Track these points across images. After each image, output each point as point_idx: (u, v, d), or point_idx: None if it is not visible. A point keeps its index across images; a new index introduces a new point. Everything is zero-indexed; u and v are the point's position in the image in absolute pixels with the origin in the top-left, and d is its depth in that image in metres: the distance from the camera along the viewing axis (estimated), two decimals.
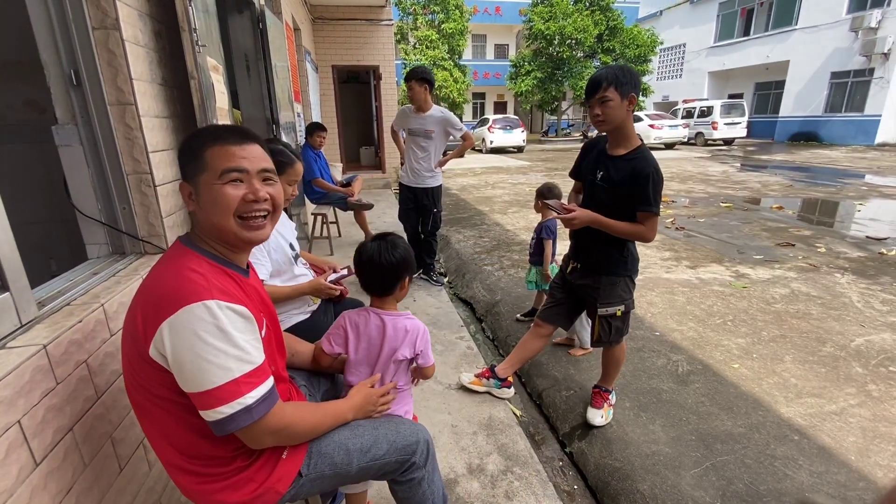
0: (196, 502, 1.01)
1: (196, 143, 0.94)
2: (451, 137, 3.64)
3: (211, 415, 0.86)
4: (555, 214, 1.85)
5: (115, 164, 1.42)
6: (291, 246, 1.80)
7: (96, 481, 1.08)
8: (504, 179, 10.56)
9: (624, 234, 1.78)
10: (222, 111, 1.88)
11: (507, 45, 30.09)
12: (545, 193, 2.82)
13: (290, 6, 5.26)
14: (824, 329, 2.95)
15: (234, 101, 3.00)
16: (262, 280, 1.66)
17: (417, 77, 3.37)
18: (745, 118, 17.78)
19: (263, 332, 0.98)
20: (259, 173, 0.96)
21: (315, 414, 1.05)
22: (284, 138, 3.45)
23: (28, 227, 1.01)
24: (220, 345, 0.85)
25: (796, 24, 18.66)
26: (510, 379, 2.31)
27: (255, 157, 0.96)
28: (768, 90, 21.20)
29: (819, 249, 4.61)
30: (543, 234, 2.89)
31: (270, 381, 0.93)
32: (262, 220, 0.98)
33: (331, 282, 1.84)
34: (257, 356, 0.91)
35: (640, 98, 1.76)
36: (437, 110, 3.51)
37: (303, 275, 1.83)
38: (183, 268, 0.89)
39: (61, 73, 1.35)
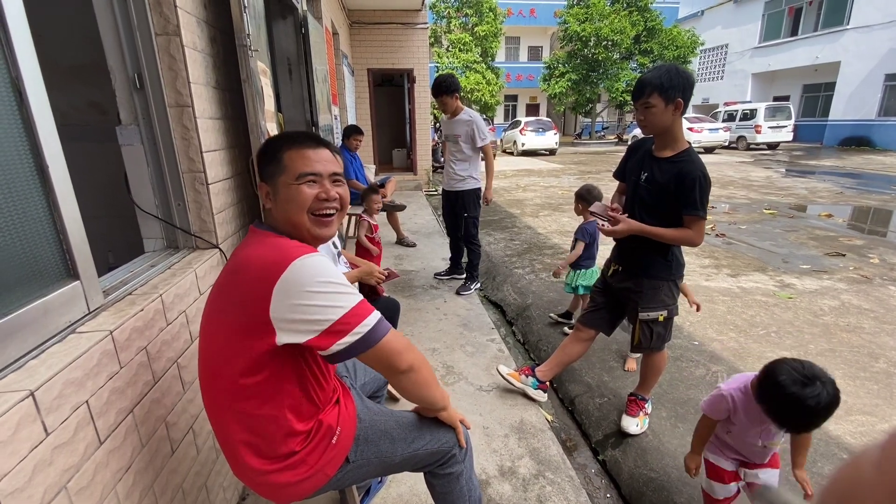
0: (248, 483, 1.05)
1: (275, 147, 1.04)
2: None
3: (358, 331, 0.92)
4: (599, 222, 1.84)
5: (172, 163, 1.50)
6: (335, 244, 1.87)
7: (151, 461, 1.15)
8: (536, 182, 10.48)
9: (671, 239, 1.75)
10: (269, 113, 1.95)
11: (541, 47, 29.83)
12: (585, 196, 2.78)
13: (329, 11, 5.40)
14: (877, 344, 2.79)
15: (277, 104, 3.11)
16: None
17: (448, 91, 3.38)
18: (792, 121, 16.98)
19: None
20: (330, 176, 1.06)
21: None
22: None
23: (88, 221, 1.08)
24: (333, 280, 0.93)
25: (848, 24, 17.71)
26: (547, 383, 2.30)
27: (327, 160, 1.06)
28: (817, 92, 20.18)
29: (872, 260, 4.36)
30: (578, 235, 2.85)
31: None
32: (330, 217, 1.07)
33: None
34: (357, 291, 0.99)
35: None
36: (465, 114, 3.50)
37: (343, 273, 1.89)
38: (269, 240, 0.98)
39: (126, 77, 1.43)
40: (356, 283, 2.02)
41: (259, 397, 0.98)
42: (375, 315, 0.96)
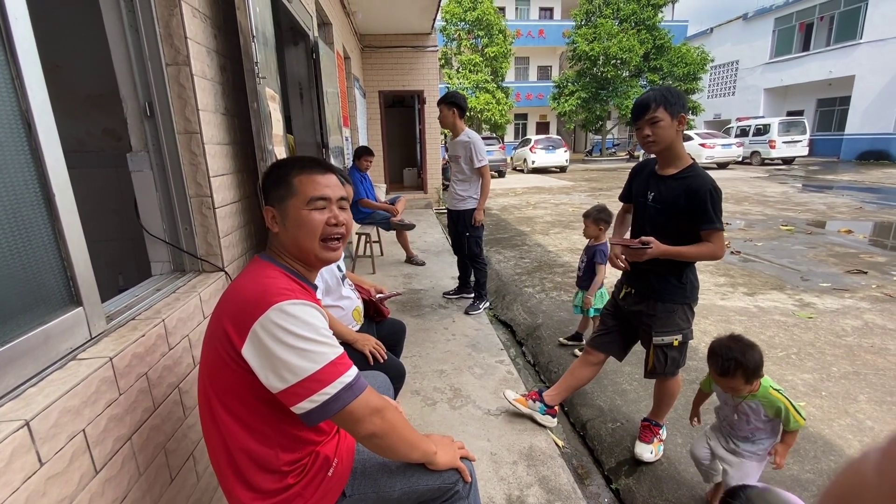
0: None
1: (284, 172, 1.05)
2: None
3: (315, 399, 0.89)
4: (619, 250, 1.79)
5: (180, 188, 1.53)
6: (339, 267, 1.87)
7: (149, 490, 1.13)
8: (546, 199, 10.46)
9: (694, 256, 1.72)
10: (277, 137, 1.98)
11: (550, 66, 30.18)
12: (601, 216, 2.75)
13: (341, 36, 5.54)
14: None
15: (288, 127, 3.17)
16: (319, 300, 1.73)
17: (446, 101, 3.44)
18: (807, 136, 16.77)
19: None
20: (338, 201, 1.07)
21: (403, 418, 1.05)
22: (333, 161, 3.59)
23: (101, 244, 1.10)
24: (310, 335, 0.90)
25: (861, 38, 17.62)
26: (556, 408, 2.23)
27: (334, 185, 1.08)
28: (832, 106, 19.98)
29: (895, 278, 4.22)
30: (598, 259, 2.80)
31: (354, 367, 0.97)
32: (338, 242, 1.08)
33: (379, 299, 2.01)
34: (339, 344, 0.96)
35: (691, 117, 1.73)
36: (464, 135, 3.50)
37: (348, 297, 1.88)
38: (261, 276, 0.98)
39: (137, 106, 1.47)
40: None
41: (250, 432, 0.97)
42: (341, 381, 0.91)
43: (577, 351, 2.97)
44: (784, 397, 1.47)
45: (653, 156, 1.84)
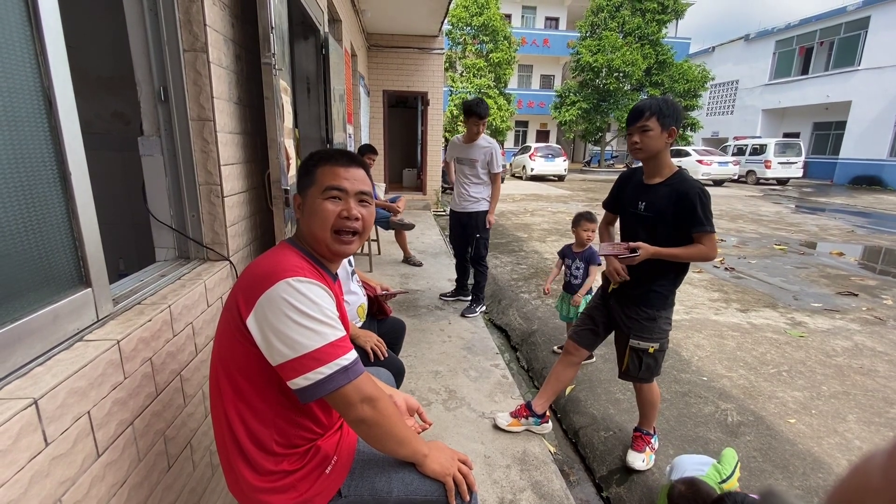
0: (240, 499, 1.03)
1: (312, 161, 1.08)
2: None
3: (310, 377, 0.90)
4: (616, 263, 1.81)
5: (190, 175, 1.52)
6: (349, 262, 1.88)
7: (147, 476, 1.12)
8: (543, 207, 10.51)
9: (687, 257, 1.74)
10: (288, 130, 1.98)
11: (553, 75, 30.38)
12: (588, 218, 2.80)
13: (349, 33, 5.55)
14: (892, 388, 2.71)
15: (294, 121, 3.16)
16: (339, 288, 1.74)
17: (480, 115, 3.39)
18: (802, 158, 17.03)
19: None
20: (356, 195, 1.07)
21: (397, 413, 1.02)
22: None
23: (104, 227, 1.09)
24: (313, 313, 0.91)
25: (859, 65, 17.95)
26: (548, 414, 2.24)
27: (356, 179, 1.07)
28: (827, 130, 20.31)
29: (885, 301, 4.29)
30: (597, 261, 2.83)
31: (354, 351, 0.98)
32: (352, 236, 1.08)
33: (383, 297, 2.05)
34: (341, 327, 0.97)
35: (689, 133, 1.77)
36: (484, 140, 3.53)
37: (355, 293, 1.89)
38: (278, 255, 1.00)
39: (151, 90, 1.46)
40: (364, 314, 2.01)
41: (249, 407, 0.98)
42: (338, 363, 0.91)
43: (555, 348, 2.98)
44: (732, 477, 1.57)
45: (639, 163, 1.88)
